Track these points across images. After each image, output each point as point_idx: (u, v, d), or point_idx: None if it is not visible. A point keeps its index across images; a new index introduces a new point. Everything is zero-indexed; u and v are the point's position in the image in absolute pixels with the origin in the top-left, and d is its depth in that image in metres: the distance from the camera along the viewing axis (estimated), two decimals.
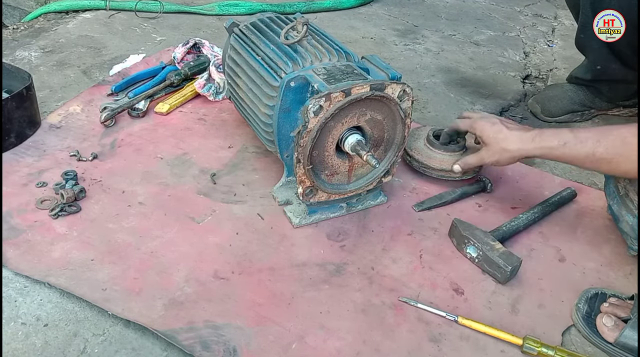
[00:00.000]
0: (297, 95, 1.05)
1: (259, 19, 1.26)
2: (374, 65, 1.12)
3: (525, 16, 2.36)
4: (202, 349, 0.88)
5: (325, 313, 0.97)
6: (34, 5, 2.17)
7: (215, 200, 1.19)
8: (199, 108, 1.50)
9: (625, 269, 1.10)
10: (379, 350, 0.91)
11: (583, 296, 1.00)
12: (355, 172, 1.13)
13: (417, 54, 1.97)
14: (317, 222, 1.16)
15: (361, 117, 1.04)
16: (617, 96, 1.59)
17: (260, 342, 0.91)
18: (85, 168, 1.24)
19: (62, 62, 1.69)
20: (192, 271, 1.02)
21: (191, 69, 1.53)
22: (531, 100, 1.67)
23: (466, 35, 2.15)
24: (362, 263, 1.07)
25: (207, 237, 1.10)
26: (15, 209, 1.12)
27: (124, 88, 1.51)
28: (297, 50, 1.12)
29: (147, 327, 0.91)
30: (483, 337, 0.94)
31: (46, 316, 0.93)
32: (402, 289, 1.02)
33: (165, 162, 1.29)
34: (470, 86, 1.77)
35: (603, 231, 1.19)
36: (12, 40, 1.83)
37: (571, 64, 1.80)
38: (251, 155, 1.34)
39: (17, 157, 1.26)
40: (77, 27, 1.92)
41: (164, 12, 2.07)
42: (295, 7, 2.15)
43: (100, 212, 1.14)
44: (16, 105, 1.26)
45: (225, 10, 2.12)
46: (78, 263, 1.01)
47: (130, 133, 1.37)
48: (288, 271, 1.04)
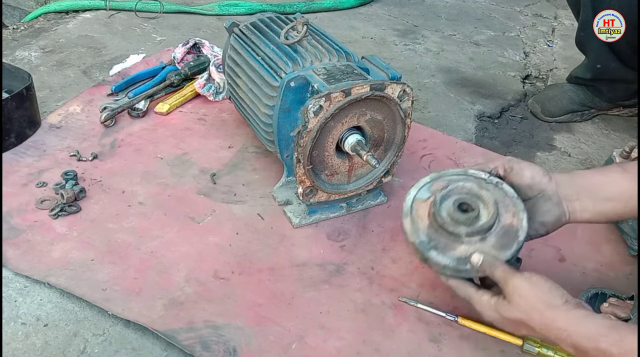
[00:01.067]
0: (297, 95, 1.05)
1: (259, 19, 1.26)
2: (374, 65, 1.12)
3: (525, 16, 2.36)
4: (202, 349, 0.88)
5: (325, 313, 0.97)
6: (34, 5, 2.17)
7: (215, 200, 1.19)
8: (199, 108, 1.50)
9: (625, 269, 1.10)
10: (379, 350, 0.91)
11: (583, 296, 1.00)
12: (355, 172, 1.13)
13: (417, 54, 1.97)
14: (317, 222, 1.16)
15: (361, 117, 1.04)
16: (617, 96, 1.58)
17: (260, 342, 0.91)
18: (85, 168, 1.24)
19: (62, 62, 1.69)
20: (192, 271, 1.02)
21: (191, 69, 1.53)
22: (531, 100, 1.67)
23: (466, 35, 2.15)
24: (362, 263, 1.07)
25: (207, 237, 1.10)
26: (15, 209, 1.12)
27: (124, 88, 1.51)
28: (297, 50, 1.12)
29: (147, 327, 0.91)
30: (483, 337, 0.94)
31: (46, 316, 0.93)
32: (402, 289, 1.02)
33: (165, 162, 1.29)
34: (470, 86, 1.77)
35: (603, 231, 1.19)
36: (12, 40, 1.83)
37: (571, 64, 1.80)
38: (251, 155, 1.34)
39: (17, 157, 1.26)
40: (77, 27, 1.92)
41: (164, 12, 2.06)
42: (295, 7, 2.15)
43: (100, 212, 1.14)
44: (16, 105, 1.26)
45: (225, 10, 2.12)
46: (78, 263, 1.01)
47: (130, 133, 1.37)
48: (288, 271, 1.04)
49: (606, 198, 0.89)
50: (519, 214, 0.89)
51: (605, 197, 0.89)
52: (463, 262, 0.87)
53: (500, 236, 0.88)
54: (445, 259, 0.87)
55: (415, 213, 0.92)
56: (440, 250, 0.88)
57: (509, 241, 0.88)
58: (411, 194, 0.94)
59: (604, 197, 0.89)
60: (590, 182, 0.91)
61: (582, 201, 0.90)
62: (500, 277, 0.83)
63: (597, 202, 0.89)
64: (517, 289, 0.81)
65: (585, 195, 0.90)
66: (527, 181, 0.91)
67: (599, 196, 0.89)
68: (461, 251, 0.88)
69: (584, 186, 0.90)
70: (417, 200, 0.93)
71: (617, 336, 0.72)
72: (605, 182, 0.89)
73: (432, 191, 0.94)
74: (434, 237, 0.89)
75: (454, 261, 0.87)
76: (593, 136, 1.57)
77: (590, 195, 0.90)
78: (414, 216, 0.92)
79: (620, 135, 1.57)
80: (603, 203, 0.89)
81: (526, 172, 0.91)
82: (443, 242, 0.89)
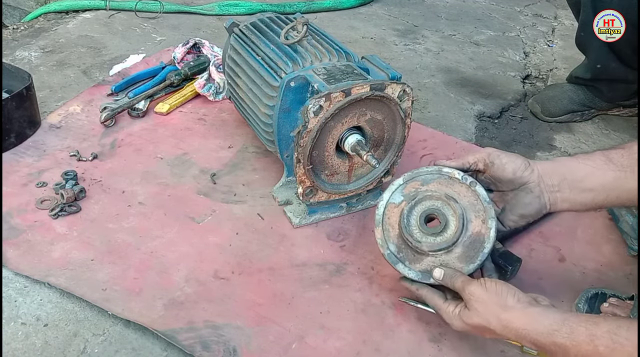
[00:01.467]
0: (297, 95, 1.05)
1: (259, 19, 1.26)
2: (374, 65, 1.12)
3: (525, 16, 2.36)
4: (202, 349, 0.88)
5: (325, 313, 0.97)
6: (34, 5, 2.16)
7: (215, 200, 1.19)
8: (199, 108, 1.50)
9: (625, 269, 1.10)
10: (379, 350, 0.91)
11: (583, 296, 1.00)
12: (355, 172, 1.13)
13: (417, 54, 1.97)
14: (317, 222, 1.15)
15: (361, 117, 1.04)
16: (617, 96, 1.58)
17: (260, 342, 0.91)
18: (85, 168, 1.24)
19: (62, 62, 1.69)
20: (192, 271, 1.02)
21: (191, 69, 1.53)
22: (531, 100, 1.67)
23: (466, 35, 2.14)
24: (362, 263, 1.07)
25: (207, 237, 1.10)
26: (15, 209, 1.11)
27: (124, 88, 1.51)
28: (297, 50, 1.12)
29: (147, 327, 0.91)
30: (483, 337, 0.94)
31: (46, 316, 0.93)
32: (402, 289, 1.02)
33: (165, 162, 1.29)
34: (470, 86, 1.77)
35: (603, 231, 1.19)
36: (12, 40, 1.83)
37: (571, 64, 1.79)
38: (251, 155, 1.34)
39: (17, 157, 1.26)
40: (77, 27, 1.92)
41: (164, 12, 2.06)
42: (295, 7, 2.15)
43: (100, 212, 1.14)
44: (16, 105, 1.26)
45: (225, 10, 2.12)
46: (78, 263, 1.01)
47: (130, 133, 1.37)
48: (288, 271, 1.04)
49: (588, 189, 0.89)
50: (488, 221, 0.90)
51: (587, 188, 0.89)
52: (427, 276, 0.91)
53: (467, 246, 0.90)
54: (411, 273, 0.92)
55: (387, 221, 0.94)
56: (408, 262, 0.93)
57: (475, 253, 0.90)
58: (384, 199, 0.95)
59: (585, 188, 0.89)
60: (573, 172, 0.90)
61: (564, 192, 0.90)
62: (459, 287, 0.86)
63: (579, 193, 0.89)
64: (474, 295, 0.83)
65: (567, 185, 0.90)
66: (509, 176, 0.91)
67: (580, 187, 0.89)
68: (427, 262, 0.92)
69: (566, 176, 0.90)
70: (390, 205, 0.95)
71: (568, 328, 0.73)
72: (588, 173, 0.89)
73: (404, 194, 0.94)
74: (403, 248, 0.93)
75: (419, 275, 0.91)
76: (593, 136, 1.57)
77: (572, 185, 0.89)
78: (385, 223, 0.94)
79: (620, 135, 1.57)
80: (584, 194, 0.89)
81: (507, 167, 0.91)
82: (410, 255, 0.93)
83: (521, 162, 0.91)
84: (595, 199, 0.89)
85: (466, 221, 0.90)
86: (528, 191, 0.90)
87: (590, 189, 0.88)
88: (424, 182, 0.94)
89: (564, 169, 0.91)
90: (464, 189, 0.92)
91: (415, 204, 0.93)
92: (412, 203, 0.92)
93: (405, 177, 0.95)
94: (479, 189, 0.91)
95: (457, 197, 0.92)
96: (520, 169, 0.90)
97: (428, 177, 0.94)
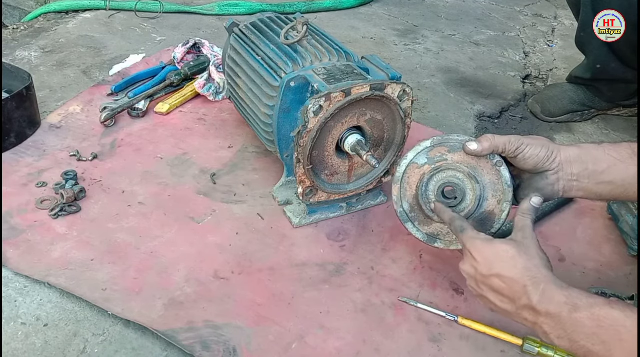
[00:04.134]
0: (297, 95, 1.05)
1: (259, 19, 1.26)
2: (374, 65, 1.12)
3: (525, 16, 2.36)
4: (202, 349, 0.88)
5: (325, 313, 0.97)
6: (34, 5, 2.17)
7: (215, 200, 1.19)
8: (199, 108, 1.50)
9: (625, 269, 1.10)
10: (379, 350, 0.91)
11: None
12: (355, 172, 1.13)
13: (417, 54, 1.97)
14: (317, 222, 1.16)
15: (361, 117, 1.04)
16: (617, 96, 1.58)
17: (260, 342, 0.91)
18: (85, 168, 1.24)
19: (62, 62, 1.69)
20: (192, 271, 1.02)
21: (191, 69, 1.53)
22: (531, 100, 1.67)
23: (466, 35, 2.14)
24: (362, 263, 1.07)
25: (207, 237, 1.10)
26: (15, 209, 1.12)
27: (124, 88, 1.51)
28: (297, 50, 1.12)
29: (147, 327, 0.91)
30: (483, 337, 0.94)
31: (46, 316, 0.93)
32: (402, 289, 1.02)
33: (165, 162, 1.29)
34: (470, 86, 1.77)
35: (603, 231, 1.19)
36: (12, 40, 1.83)
37: (571, 64, 1.79)
38: (251, 155, 1.34)
39: (17, 157, 1.26)
40: (77, 27, 1.92)
41: (164, 12, 2.06)
42: (295, 7, 2.15)
43: (100, 212, 1.14)
44: (16, 105, 1.26)
45: (225, 10, 2.12)
46: (78, 263, 1.01)
47: (130, 133, 1.37)
48: (288, 271, 1.04)
49: (607, 181, 0.88)
50: (503, 204, 0.93)
51: (606, 181, 0.88)
52: (432, 239, 0.97)
53: (477, 221, 0.93)
54: (419, 233, 0.98)
55: (406, 180, 0.96)
56: (418, 223, 0.98)
57: (482, 230, 0.91)
58: (408, 158, 0.96)
59: (605, 181, 0.88)
60: (596, 162, 0.89)
61: (582, 181, 0.89)
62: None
63: (596, 184, 0.89)
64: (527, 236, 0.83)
65: (587, 175, 0.89)
66: (529, 168, 0.91)
67: (600, 178, 0.88)
68: (435, 227, 0.97)
69: (588, 166, 0.89)
70: (413, 164, 0.96)
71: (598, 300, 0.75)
72: (611, 165, 0.88)
73: (429, 157, 0.95)
74: (415, 208, 0.97)
75: (425, 236, 0.98)
76: (593, 136, 1.57)
77: (592, 176, 0.89)
78: (404, 182, 0.96)
79: (621, 135, 1.57)
80: (602, 185, 0.89)
81: (530, 161, 0.90)
82: (421, 217, 0.97)
83: (544, 155, 0.90)
84: (613, 193, 0.89)
85: (482, 200, 0.93)
86: (544, 178, 0.91)
87: (610, 181, 0.88)
88: (451, 149, 0.94)
89: (588, 157, 0.90)
90: (489, 166, 0.93)
91: (438, 172, 0.94)
92: (435, 170, 0.94)
93: (434, 141, 0.95)
94: (504, 170, 0.92)
95: (479, 173, 0.93)
96: (542, 161, 0.90)
97: (456, 146, 0.94)
